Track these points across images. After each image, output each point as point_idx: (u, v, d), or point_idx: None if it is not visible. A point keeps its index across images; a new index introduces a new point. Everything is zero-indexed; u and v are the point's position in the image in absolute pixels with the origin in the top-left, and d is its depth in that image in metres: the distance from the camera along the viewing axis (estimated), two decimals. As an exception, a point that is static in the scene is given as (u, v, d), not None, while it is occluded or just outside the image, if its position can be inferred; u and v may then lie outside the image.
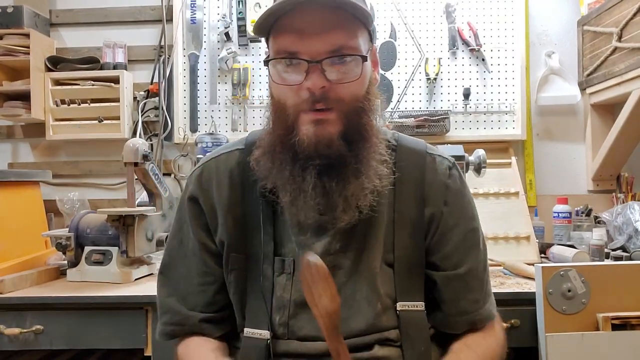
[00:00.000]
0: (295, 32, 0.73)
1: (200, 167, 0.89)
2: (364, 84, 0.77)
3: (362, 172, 0.76)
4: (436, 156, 0.88)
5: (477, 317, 0.86)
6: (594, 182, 1.95)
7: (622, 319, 1.17)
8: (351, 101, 0.75)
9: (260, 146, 0.81)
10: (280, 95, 0.77)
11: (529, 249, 1.64)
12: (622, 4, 1.65)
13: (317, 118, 0.73)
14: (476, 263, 0.87)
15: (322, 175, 0.74)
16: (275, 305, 0.82)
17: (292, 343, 0.81)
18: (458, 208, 0.86)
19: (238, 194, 0.85)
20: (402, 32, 1.98)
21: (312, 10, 0.72)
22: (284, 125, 0.76)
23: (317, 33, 0.72)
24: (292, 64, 0.75)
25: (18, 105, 1.89)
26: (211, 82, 2.01)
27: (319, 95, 0.73)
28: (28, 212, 1.61)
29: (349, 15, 0.74)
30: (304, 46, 0.73)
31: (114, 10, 2.07)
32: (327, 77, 0.73)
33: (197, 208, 0.87)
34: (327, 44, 0.73)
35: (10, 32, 1.89)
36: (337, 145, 0.74)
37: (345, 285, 0.81)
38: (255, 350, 0.80)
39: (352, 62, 0.75)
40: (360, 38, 0.76)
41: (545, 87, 1.99)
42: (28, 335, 1.28)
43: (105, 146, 2.06)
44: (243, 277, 0.84)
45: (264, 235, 0.82)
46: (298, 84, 0.74)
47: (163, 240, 1.51)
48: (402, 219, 0.84)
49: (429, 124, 1.91)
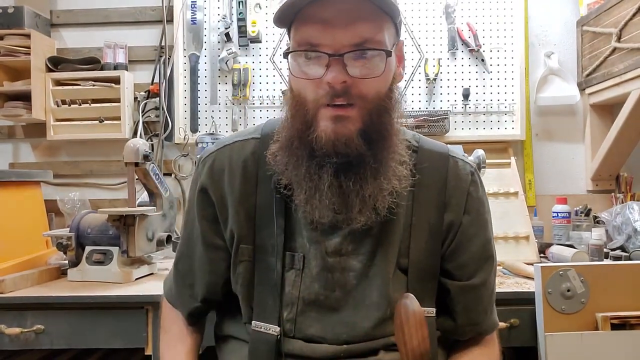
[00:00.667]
0: (319, 23, 0.70)
1: (212, 154, 0.86)
2: (387, 80, 0.74)
3: (381, 172, 0.74)
4: (459, 160, 0.86)
5: (484, 327, 0.87)
6: (593, 182, 1.96)
7: (621, 319, 1.17)
8: (373, 98, 0.72)
9: (278, 140, 0.78)
10: (300, 88, 0.74)
11: (528, 249, 1.64)
12: (621, 4, 1.65)
13: (336, 114, 0.71)
14: (490, 274, 0.86)
15: (339, 174, 0.72)
16: (283, 301, 0.80)
17: (297, 343, 0.80)
18: (478, 218, 0.84)
19: (251, 185, 0.82)
20: (401, 32, 1.98)
21: (337, 1, 0.69)
22: (302, 119, 0.73)
23: (342, 24, 0.69)
24: (313, 57, 0.71)
25: (19, 106, 1.89)
26: (211, 82, 2.01)
27: (340, 89, 0.70)
28: (29, 212, 1.61)
29: (376, 7, 0.71)
30: (327, 38, 0.69)
31: (115, 10, 2.08)
32: (348, 72, 0.70)
33: (206, 199, 0.85)
34: (352, 37, 0.69)
35: (11, 32, 1.89)
36: (355, 144, 0.71)
37: (355, 289, 0.80)
38: (265, 346, 0.79)
39: (376, 57, 0.72)
40: (386, 32, 0.73)
41: (544, 87, 1.99)
42: (29, 334, 1.28)
43: (106, 146, 2.06)
44: (252, 269, 0.82)
45: (277, 228, 0.80)
46: (318, 77, 0.71)
47: (164, 240, 1.52)
48: (420, 224, 0.81)
49: (428, 124, 1.92)
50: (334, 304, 0.80)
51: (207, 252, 0.87)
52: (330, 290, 0.80)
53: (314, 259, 0.80)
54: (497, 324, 0.91)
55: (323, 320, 0.80)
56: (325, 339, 0.79)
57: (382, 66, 0.72)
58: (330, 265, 0.80)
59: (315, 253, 0.80)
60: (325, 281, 0.80)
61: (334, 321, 0.80)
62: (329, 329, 0.79)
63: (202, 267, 0.88)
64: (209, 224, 0.86)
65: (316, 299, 0.80)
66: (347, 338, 0.79)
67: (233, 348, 0.88)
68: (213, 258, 0.87)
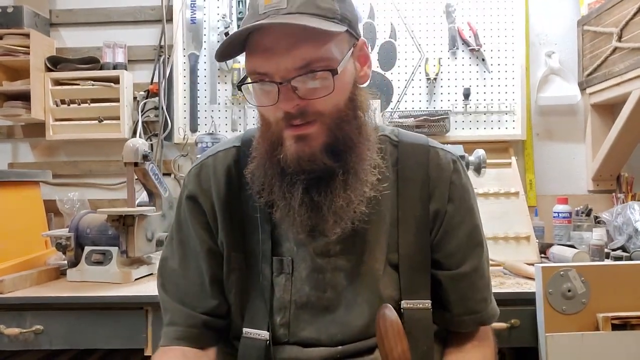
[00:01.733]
0: (262, 52, 0.70)
1: (198, 165, 0.88)
2: (342, 93, 0.74)
3: (350, 182, 0.74)
4: (439, 150, 0.86)
5: (485, 316, 0.87)
6: (594, 182, 1.95)
7: (622, 319, 1.17)
8: (332, 112, 0.72)
9: (255, 157, 0.79)
10: (262, 111, 0.76)
11: (529, 249, 1.63)
12: (622, 4, 1.65)
13: (297, 134, 0.72)
14: (481, 261, 0.86)
15: (310, 189, 0.73)
16: (275, 306, 0.81)
17: (293, 349, 0.80)
18: (462, 205, 0.85)
19: (236, 192, 0.84)
20: (402, 32, 1.98)
21: (276, 28, 0.70)
22: (269, 141, 0.75)
23: (283, 50, 0.69)
24: (265, 86, 0.72)
25: (18, 105, 1.89)
26: (211, 82, 2.01)
27: (295, 112, 0.71)
28: (28, 212, 1.61)
29: (315, 27, 0.68)
30: (271, 66, 0.70)
31: (114, 10, 2.07)
32: (299, 96, 0.70)
33: (197, 207, 0.85)
34: (294, 61, 0.69)
35: (11, 32, 1.89)
36: (320, 159, 0.72)
37: (346, 288, 0.80)
38: (254, 351, 0.79)
39: (324, 76, 0.71)
40: (332, 44, 0.71)
41: (545, 87, 1.98)
42: (28, 335, 1.28)
43: (105, 146, 2.06)
44: (244, 277, 0.83)
45: (262, 234, 0.81)
46: (273, 104, 0.72)
47: (163, 240, 1.51)
48: (406, 218, 0.82)
49: (429, 124, 1.91)
50: (326, 304, 0.80)
51: (207, 259, 0.84)
52: (322, 291, 0.80)
53: (302, 262, 0.81)
54: (497, 313, 0.90)
55: (316, 322, 0.80)
56: (320, 341, 0.79)
57: (331, 83, 0.71)
58: (319, 266, 0.80)
59: (303, 255, 0.81)
60: (316, 282, 0.80)
61: (327, 321, 0.80)
62: (322, 329, 0.80)
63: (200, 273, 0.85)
64: (204, 231, 0.85)
65: (308, 301, 0.80)
66: (341, 337, 0.79)
67: None
68: (212, 264, 0.85)
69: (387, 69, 1.98)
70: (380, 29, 1.98)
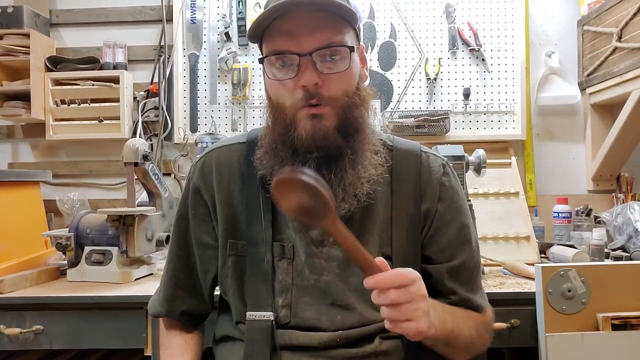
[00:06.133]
0: (285, 34, 0.78)
1: (202, 158, 0.94)
2: (353, 78, 0.82)
3: (358, 162, 0.81)
4: (430, 154, 0.93)
5: (475, 302, 0.90)
6: (594, 182, 1.95)
7: (622, 319, 1.17)
8: (343, 96, 0.79)
9: (262, 146, 0.84)
10: (277, 96, 0.81)
11: (529, 249, 1.64)
12: (622, 4, 1.65)
13: (313, 113, 0.78)
14: (469, 257, 0.90)
15: (321, 167, 0.78)
16: (277, 289, 0.85)
17: (294, 333, 0.83)
18: (452, 205, 0.90)
19: (238, 184, 0.89)
20: (402, 32, 1.98)
21: (300, 13, 0.77)
22: (283, 124, 0.80)
23: (305, 33, 0.77)
24: (285, 65, 0.79)
25: (18, 105, 1.89)
26: (211, 82, 2.01)
27: (313, 91, 0.77)
28: (28, 212, 1.61)
29: (334, 15, 0.79)
30: (294, 45, 0.77)
31: (114, 10, 2.07)
32: (318, 70, 0.77)
33: (199, 199, 0.92)
34: (316, 41, 0.77)
35: (10, 32, 1.89)
36: (333, 137, 0.78)
37: (339, 276, 0.84)
38: (261, 332, 0.83)
39: (340, 55, 0.79)
40: (346, 35, 0.80)
41: (545, 87, 1.99)
42: (28, 335, 1.28)
43: (105, 146, 2.06)
44: (241, 262, 0.87)
45: (265, 222, 0.86)
46: (292, 77, 0.78)
47: (163, 240, 1.51)
48: (399, 215, 0.87)
49: (428, 124, 1.91)
50: (324, 287, 0.84)
51: (198, 250, 0.93)
52: (319, 274, 0.85)
53: (301, 247, 0.86)
54: (487, 305, 0.93)
55: (317, 303, 0.84)
56: (321, 322, 0.83)
57: (348, 62, 0.79)
58: (314, 253, 0.85)
59: (301, 242, 0.86)
60: (313, 266, 0.85)
61: (327, 304, 0.84)
62: (323, 310, 0.84)
63: (194, 264, 0.94)
64: (199, 222, 0.92)
65: (308, 283, 0.85)
66: (342, 319, 0.83)
67: (229, 347, 0.90)
68: (202, 255, 0.93)
69: (387, 69, 1.98)
70: (380, 29, 1.98)
